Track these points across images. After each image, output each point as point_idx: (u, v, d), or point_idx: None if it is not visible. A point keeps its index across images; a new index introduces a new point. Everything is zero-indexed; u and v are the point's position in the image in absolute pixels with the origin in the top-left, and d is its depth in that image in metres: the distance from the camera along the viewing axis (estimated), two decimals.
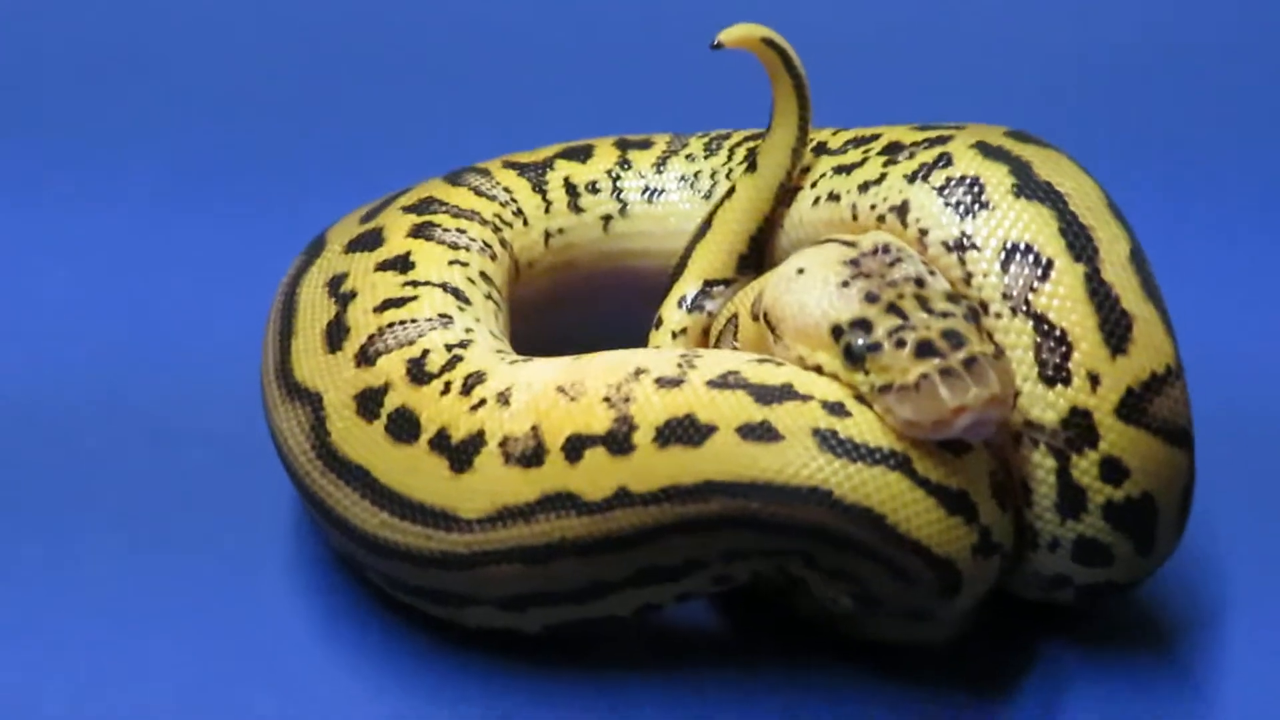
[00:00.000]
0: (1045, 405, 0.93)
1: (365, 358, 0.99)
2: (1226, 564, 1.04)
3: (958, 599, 0.92)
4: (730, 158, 1.11)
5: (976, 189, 0.96)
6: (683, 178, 1.12)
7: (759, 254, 1.05)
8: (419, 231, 1.06)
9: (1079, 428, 0.92)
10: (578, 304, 1.11)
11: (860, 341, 0.91)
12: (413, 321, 1.01)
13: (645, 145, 1.14)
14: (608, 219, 1.11)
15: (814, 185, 1.03)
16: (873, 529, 0.90)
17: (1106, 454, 0.92)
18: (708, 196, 1.10)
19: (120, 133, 1.39)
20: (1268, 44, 1.38)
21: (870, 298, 0.92)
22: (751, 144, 1.09)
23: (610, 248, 1.12)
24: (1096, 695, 0.97)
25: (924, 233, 0.96)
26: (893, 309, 0.92)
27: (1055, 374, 0.92)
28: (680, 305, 1.05)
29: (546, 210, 1.11)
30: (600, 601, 0.96)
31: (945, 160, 0.97)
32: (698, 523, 0.92)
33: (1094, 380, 0.92)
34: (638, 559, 0.94)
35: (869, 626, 0.98)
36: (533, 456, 0.94)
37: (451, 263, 1.05)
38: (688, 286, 1.05)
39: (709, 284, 1.05)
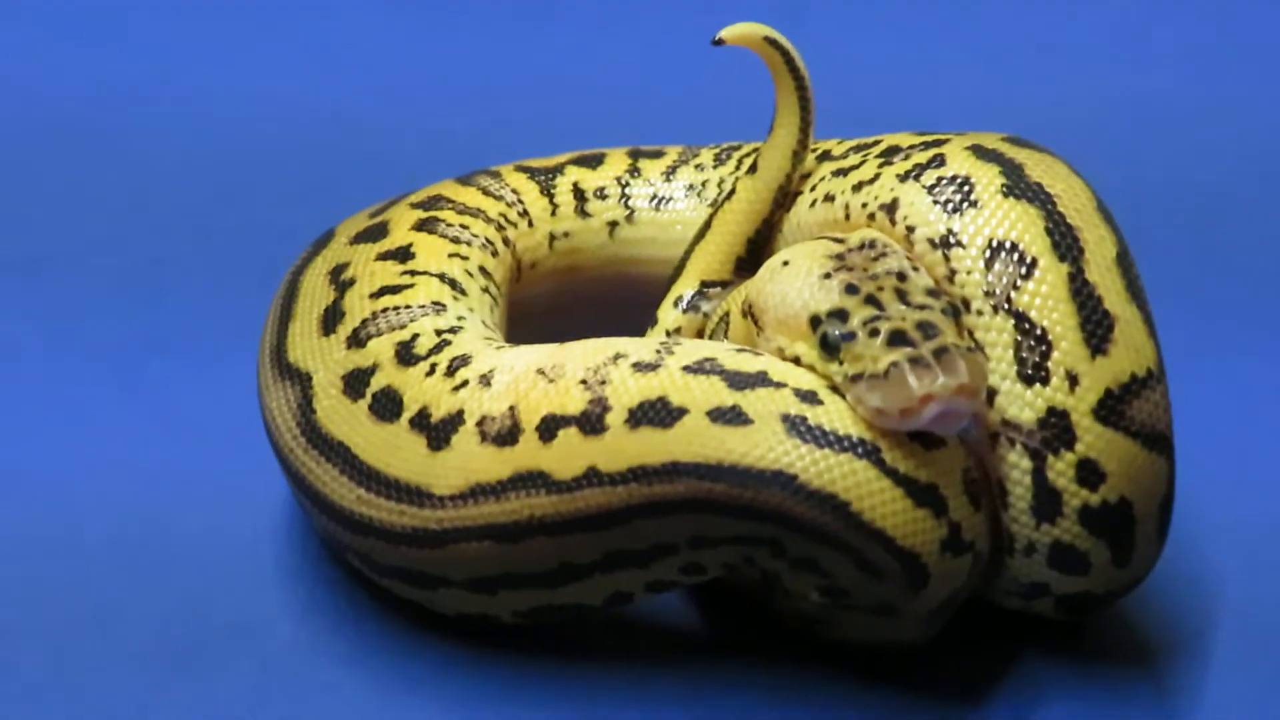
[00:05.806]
0: (1023, 404, 0.92)
1: (356, 340, 1.00)
2: (1212, 582, 1.03)
3: (924, 595, 0.91)
4: (738, 167, 1.11)
5: (966, 188, 0.95)
6: (690, 186, 1.12)
7: (756, 257, 1.04)
8: (423, 226, 1.07)
9: (1056, 428, 0.91)
10: (579, 308, 1.12)
11: (836, 331, 0.91)
12: (406, 307, 1.01)
13: (657, 155, 1.14)
14: (614, 225, 1.12)
15: (813, 189, 1.03)
16: (836, 516, 0.89)
17: (1083, 456, 0.91)
18: (714, 205, 1.10)
19: None
20: None
21: (850, 289, 0.92)
22: None
23: (615, 253, 1.12)
24: (1073, 708, 0.96)
25: (910, 229, 0.96)
26: (870, 300, 0.91)
27: (1034, 373, 0.91)
28: (676, 305, 1.05)
29: (553, 213, 1.11)
30: (569, 586, 0.95)
31: (938, 161, 0.97)
32: (664, 505, 0.91)
33: (1072, 380, 0.91)
34: (606, 541, 0.93)
35: (839, 626, 0.96)
36: (508, 436, 0.94)
37: (451, 255, 1.05)
38: (685, 287, 1.05)
39: (706, 285, 1.05)
